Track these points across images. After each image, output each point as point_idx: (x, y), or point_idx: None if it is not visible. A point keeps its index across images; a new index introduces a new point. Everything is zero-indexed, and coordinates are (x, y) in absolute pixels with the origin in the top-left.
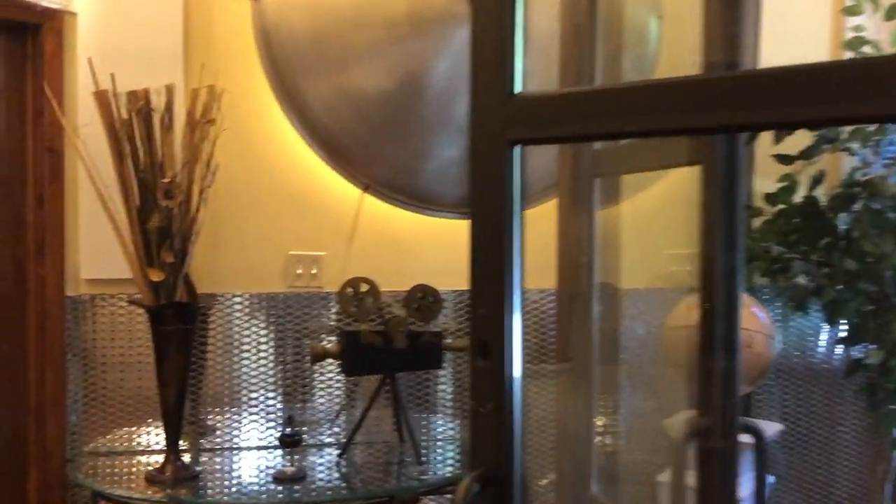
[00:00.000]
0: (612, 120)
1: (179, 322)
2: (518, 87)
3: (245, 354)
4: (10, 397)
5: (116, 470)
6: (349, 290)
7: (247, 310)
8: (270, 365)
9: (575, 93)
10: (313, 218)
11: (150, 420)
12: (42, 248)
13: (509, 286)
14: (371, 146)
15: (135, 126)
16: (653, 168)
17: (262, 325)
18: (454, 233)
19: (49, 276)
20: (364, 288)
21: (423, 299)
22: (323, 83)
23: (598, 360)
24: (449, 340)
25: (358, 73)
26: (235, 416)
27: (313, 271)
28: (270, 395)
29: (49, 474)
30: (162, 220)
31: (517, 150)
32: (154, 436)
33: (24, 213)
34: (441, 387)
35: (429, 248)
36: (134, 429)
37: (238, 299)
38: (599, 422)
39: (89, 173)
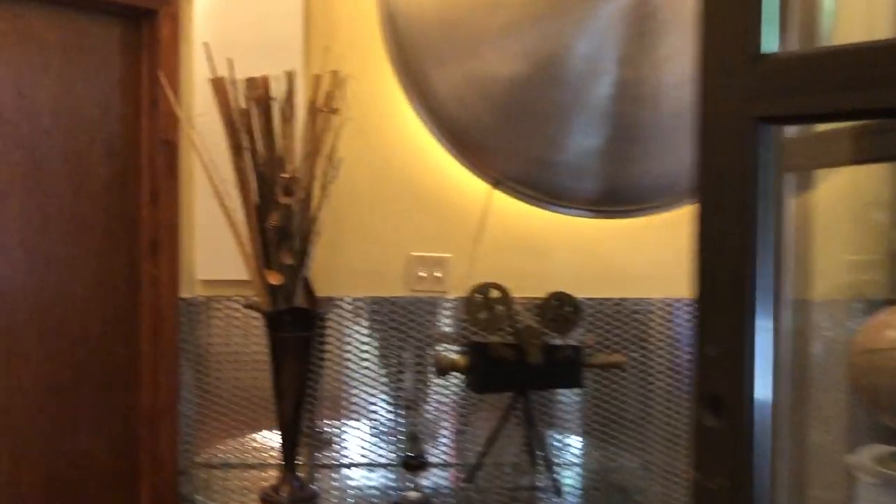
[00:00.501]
0: None
1: (298, 329)
2: (769, 45)
3: (363, 363)
4: (122, 403)
5: (229, 483)
6: (478, 296)
7: (364, 315)
8: (389, 375)
9: (862, 48)
10: (437, 216)
11: (264, 430)
12: (156, 247)
13: (756, 316)
14: (502, 137)
15: (253, 116)
16: (872, 160)
17: (381, 331)
18: (592, 233)
19: (163, 276)
20: (494, 294)
21: (560, 309)
22: (452, 69)
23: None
24: (588, 355)
25: (490, 57)
26: (352, 429)
27: (437, 274)
28: (387, 407)
29: (161, 486)
30: (281, 218)
31: (768, 130)
32: (269, 447)
33: (138, 210)
34: (562, 398)
35: (564, 251)
36: (248, 438)
37: (355, 304)
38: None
39: (205, 168)
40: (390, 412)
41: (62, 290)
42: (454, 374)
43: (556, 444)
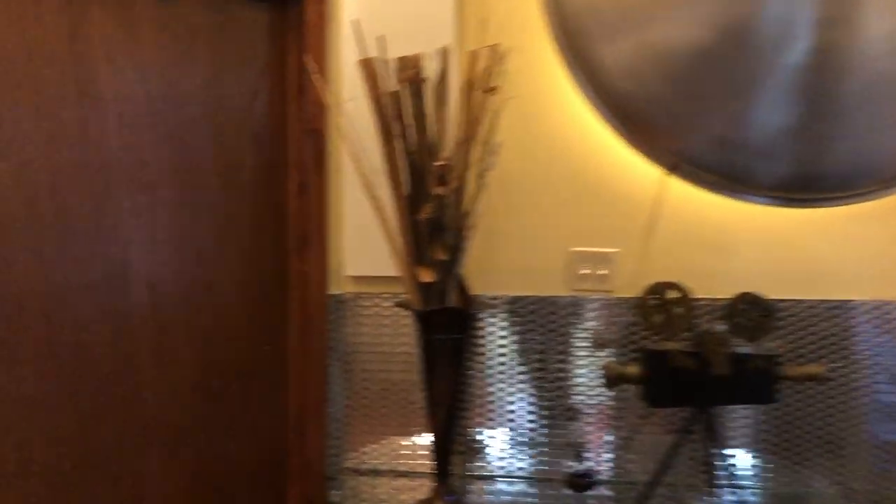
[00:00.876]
0: None
1: (452, 330)
2: None
3: (518, 367)
4: (270, 405)
5: (379, 492)
6: (653, 297)
7: (521, 316)
8: (547, 382)
9: None
10: (603, 206)
11: (414, 435)
12: (305, 242)
13: None
14: (680, 114)
15: (404, 99)
16: None
17: (539, 334)
18: (785, 225)
19: (312, 272)
20: (672, 295)
21: (749, 312)
22: (622, 40)
23: None
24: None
25: (666, 25)
26: (507, 439)
27: (602, 272)
28: (546, 417)
29: (310, 492)
30: (434, 210)
31: None
32: (419, 454)
33: (285, 203)
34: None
35: (751, 246)
36: (397, 444)
37: (511, 304)
38: None
39: (354, 157)
40: (548, 422)
41: (210, 287)
42: (625, 385)
43: (736, 463)
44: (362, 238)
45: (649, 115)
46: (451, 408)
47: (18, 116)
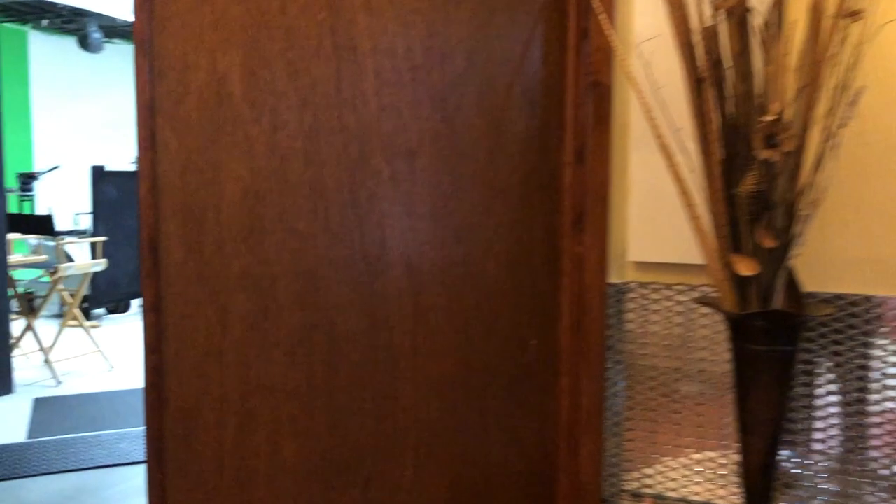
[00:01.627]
0: None
1: (778, 340)
2: None
3: (873, 389)
4: (537, 411)
5: None
6: None
7: (866, 322)
8: None
9: None
10: None
11: (714, 459)
12: (581, 220)
13: None
14: None
15: (721, 37)
16: None
17: None
18: None
19: (589, 255)
20: None
21: None
22: None
23: None
24: None
25: None
26: (851, 482)
27: None
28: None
29: None
30: (759, 181)
31: None
32: (720, 483)
33: (559, 173)
34: None
35: None
36: (690, 467)
37: (865, 306)
38: None
39: (648, 114)
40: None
41: (472, 269)
42: None
43: None
44: (652, 216)
45: None
46: (771, 440)
47: (272, 74)
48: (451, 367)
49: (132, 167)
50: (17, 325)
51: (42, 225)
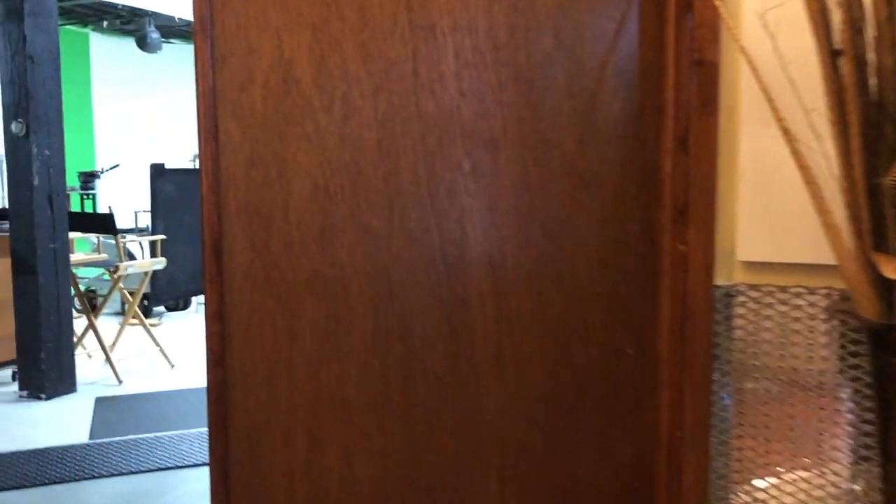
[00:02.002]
0: None
1: None
2: None
3: None
4: (633, 424)
5: None
6: None
7: None
8: None
9: None
10: None
11: (834, 485)
12: (684, 213)
13: None
14: None
15: (863, 2)
16: None
17: None
18: None
19: (692, 254)
20: None
21: None
22: None
23: None
24: None
25: None
26: None
27: None
28: None
29: None
30: None
31: None
32: None
33: (658, 162)
34: None
35: None
36: (807, 492)
37: None
38: None
39: (766, 93)
40: None
41: (560, 270)
42: None
43: None
44: (765, 210)
45: None
46: None
47: (343, 57)
48: (538, 378)
49: (191, 165)
50: (78, 324)
51: (103, 223)
